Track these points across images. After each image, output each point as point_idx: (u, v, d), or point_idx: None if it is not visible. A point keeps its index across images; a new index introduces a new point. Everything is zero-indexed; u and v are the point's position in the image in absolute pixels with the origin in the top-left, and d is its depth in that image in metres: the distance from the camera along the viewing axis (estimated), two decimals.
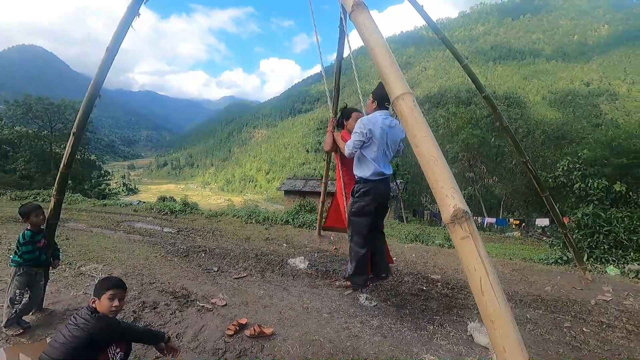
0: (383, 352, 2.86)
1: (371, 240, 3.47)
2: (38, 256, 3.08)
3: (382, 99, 3.23)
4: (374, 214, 3.35)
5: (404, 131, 2.90)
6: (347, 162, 3.69)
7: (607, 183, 11.67)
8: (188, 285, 4.20)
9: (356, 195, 3.31)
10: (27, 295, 3.13)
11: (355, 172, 3.34)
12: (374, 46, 1.47)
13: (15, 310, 2.98)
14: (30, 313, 3.14)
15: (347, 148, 3.21)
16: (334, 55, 5.91)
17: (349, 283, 3.76)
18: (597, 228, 7.07)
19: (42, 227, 3.20)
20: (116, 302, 2.01)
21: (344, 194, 3.77)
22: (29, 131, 32.91)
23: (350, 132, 3.52)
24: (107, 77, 3.14)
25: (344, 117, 3.87)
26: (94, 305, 1.99)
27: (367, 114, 3.39)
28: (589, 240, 7.06)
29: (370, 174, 3.18)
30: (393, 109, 1.39)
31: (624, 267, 6.02)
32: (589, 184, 12.20)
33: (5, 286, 3.37)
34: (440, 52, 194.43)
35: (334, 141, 3.69)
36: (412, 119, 1.29)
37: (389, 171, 3.27)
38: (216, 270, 4.96)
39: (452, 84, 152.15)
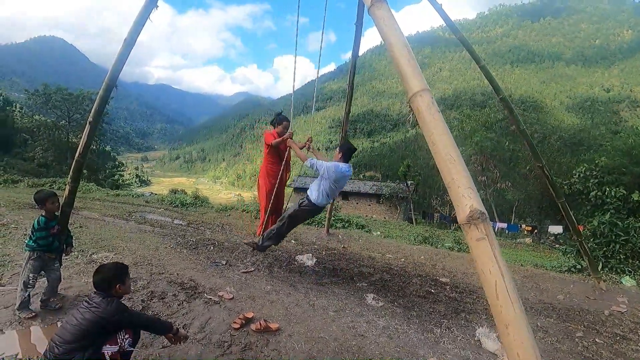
0: (388, 353, 2.83)
1: (288, 232, 4.55)
2: (51, 242, 3.14)
3: (348, 153, 4.21)
4: (302, 220, 4.60)
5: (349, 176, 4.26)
6: (273, 156, 4.69)
7: (625, 192, 11.33)
8: (196, 277, 4.23)
9: (303, 207, 4.24)
10: (45, 279, 3.20)
11: (309, 194, 4.22)
12: (393, 42, 1.44)
13: (28, 294, 3.04)
14: (48, 297, 3.19)
15: (309, 164, 4.08)
16: (349, 54, 5.87)
17: (254, 243, 4.48)
18: (614, 237, 6.87)
19: (56, 214, 3.26)
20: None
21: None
22: (48, 120, 33.69)
23: (278, 135, 4.63)
24: (124, 69, 3.18)
25: (276, 121, 4.77)
26: (120, 291, 2.10)
27: (334, 160, 4.24)
28: (604, 249, 6.87)
29: (319, 202, 4.14)
30: (409, 106, 1.37)
31: None
32: (606, 192, 11.86)
33: (20, 270, 3.46)
34: (457, 53, 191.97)
35: (284, 144, 4.50)
36: (429, 116, 1.26)
37: (326, 203, 4.39)
38: (224, 263, 4.99)
39: (467, 86, 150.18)
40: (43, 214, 3.14)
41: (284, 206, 5.10)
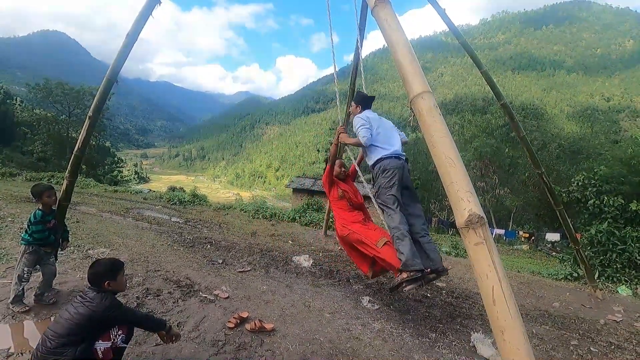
0: (383, 357, 2.82)
1: (412, 221, 3.26)
2: (47, 236, 3.13)
3: (364, 102, 3.61)
4: (398, 187, 3.24)
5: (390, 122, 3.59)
6: (342, 201, 3.89)
7: (623, 201, 11.36)
8: (192, 275, 4.21)
9: (376, 177, 3.35)
10: (40, 274, 3.18)
11: (369, 162, 3.44)
12: (396, 43, 1.43)
13: (23, 288, 3.02)
14: (42, 291, 3.17)
15: (362, 138, 3.30)
16: (351, 56, 5.87)
17: (405, 276, 2.98)
18: (611, 246, 6.88)
19: (53, 208, 3.24)
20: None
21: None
22: (48, 115, 33.62)
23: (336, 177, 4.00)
24: (126, 65, 3.17)
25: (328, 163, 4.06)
26: (109, 288, 2.06)
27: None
28: (601, 258, 6.88)
29: (381, 155, 3.30)
30: (410, 108, 1.36)
31: (637, 288, 5.85)
32: (604, 201, 11.88)
33: (15, 264, 3.43)
34: (458, 58, 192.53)
35: (336, 151, 3.98)
36: (430, 118, 1.26)
37: (394, 149, 3.34)
38: (221, 262, 4.98)
39: (468, 92, 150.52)
40: (40, 207, 3.12)
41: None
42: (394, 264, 3.12)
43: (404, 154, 3.46)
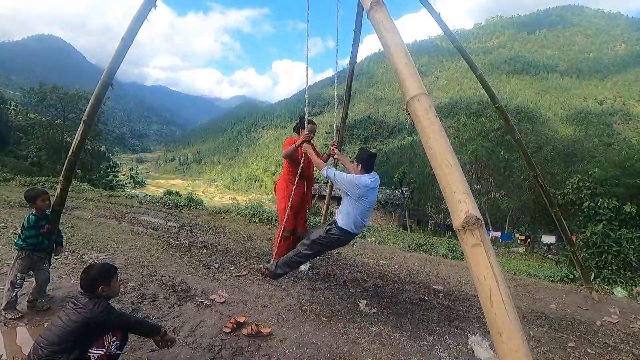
0: None
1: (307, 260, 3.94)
2: (41, 241, 3.09)
3: (367, 162, 3.44)
4: (327, 249, 3.80)
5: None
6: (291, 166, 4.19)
7: (617, 203, 11.44)
8: (188, 280, 4.18)
9: (330, 234, 3.45)
10: (33, 280, 3.14)
11: (338, 220, 3.46)
12: (391, 45, 1.44)
13: (16, 294, 2.98)
14: (35, 297, 3.12)
15: (325, 172, 3.49)
16: (346, 60, 5.90)
17: (266, 269, 3.77)
18: (606, 248, 6.91)
19: (47, 213, 3.20)
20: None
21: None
22: (43, 119, 33.37)
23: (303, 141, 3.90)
24: (122, 69, 3.16)
25: (300, 125, 4.22)
26: (104, 293, 2.03)
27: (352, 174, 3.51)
28: (597, 259, 6.91)
29: (350, 227, 3.39)
30: (406, 110, 1.36)
31: (633, 289, 5.87)
32: (599, 203, 11.97)
33: (8, 269, 3.39)
34: (454, 62, 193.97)
35: (296, 153, 4.04)
36: (426, 121, 1.26)
37: (358, 231, 3.55)
38: (217, 266, 4.94)
39: (463, 95, 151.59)
40: (33, 212, 3.09)
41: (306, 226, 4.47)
42: (275, 254, 3.87)
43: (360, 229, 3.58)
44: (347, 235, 3.44)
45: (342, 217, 3.39)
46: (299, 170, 3.88)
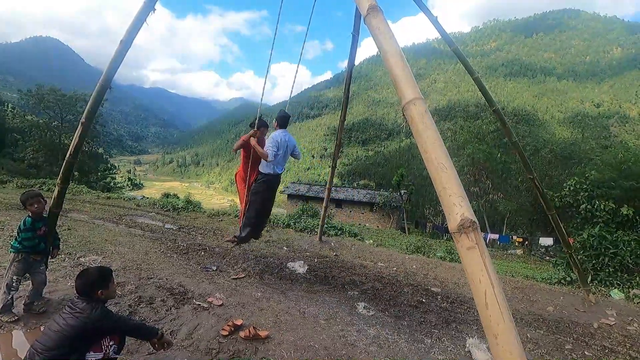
0: None
1: (260, 216, 4.76)
2: (37, 244, 3.08)
3: (282, 121, 4.72)
4: (266, 196, 4.69)
5: (294, 141, 4.84)
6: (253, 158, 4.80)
7: (614, 205, 11.49)
8: (186, 282, 4.17)
9: (258, 182, 4.64)
10: (29, 282, 3.12)
11: (260, 169, 4.64)
12: (387, 50, 1.45)
13: (11, 297, 2.97)
14: (31, 300, 3.10)
15: (270, 156, 4.36)
16: (345, 63, 5.93)
17: (235, 239, 4.76)
18: (603, 250, 6.94)
19: (43, 215, 3.20)
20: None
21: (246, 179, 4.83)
22: (40, 121, 33.28)
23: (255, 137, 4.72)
24: (120, 71, 3.16)
25: (253, 125, 4.86)
26: (102, 296, 2.02)
27: (274, 131, 4.69)
28: (593, 262, 6.94)
29: (270, 171, 4.59)
30: (403, 114, 1.37)
31: (629, 292, 5.89)
32: (596, 206, 12.02)
33: (4, 272, 3.37)
34: (451, 65, 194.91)
35: (248, 145, 4.63)
36: (422, 125, 1.27)
37: (281, 170, 4.76)
38: (215, 269, 4.94)
39: (461, 98, 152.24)
40: (29, 214, 3.08)
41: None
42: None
43: (283, 169, 4.85)
44: (270, 177, 4.59)
45: (262, 167, 4.60)
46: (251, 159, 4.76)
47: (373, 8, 1.57)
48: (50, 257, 3.40)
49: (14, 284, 2.97)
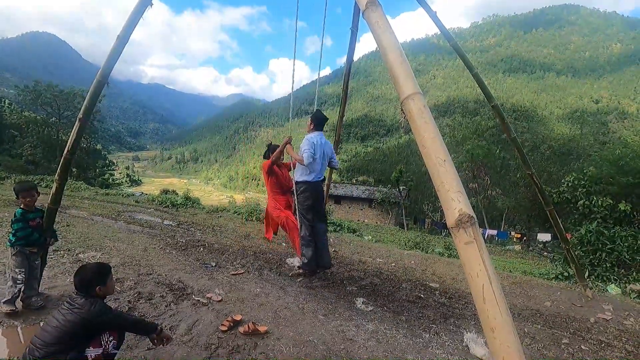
0: (377, 358, 2.83)
1: (316, 233, 4.34)
2: (30, 234, 3.05)
3: (318, 122, 4.35)
4: (313, 205, 4.30)
5: (331, 146, 4.50)
6: (276, 185, 4.74)
7: (611, 201, 11.56)
8: (185, 278, 4.18)
9: (298, 195, 4.28)
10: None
11: (296, 178, 4.34)
12: (386, 45, 1.44)
13: (19, 290, 2.97)
14: (28, 295, 3.10)
15: (306, 158, 4.06)
16: (344, 59, 5.90)
17: (301, 272, 4.49)
18: (600, 246, 6.99)
19: (37, 207, 3.19)
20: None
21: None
22: (37, 117, 33.19)
23: (273, 162, 4.61)
24: (118, 67, 3.14)
25: (270, 151, 4.78)
26: (100, 293, 2.03)
27: (308, 133, 4.35)
28: (591, 257, 6.98)
29: (307, 178, 4.23)
30: (401, 110, 1.37)
31: (626, 287, 5.94)
32: (594, 202, 12.09)
33: (4, 268, 3.38)
34: (450, 61, 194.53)
35: (280, 154, 4.56)
36: (420, 120, 1.27)
37: (319, 178, 4.34)
38: (214, 265, 4.94)
39: (460, 94, 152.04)
40: (21, 206, 3.09)
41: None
42: (297, 248, 4.50)
43: (322, 176, 4.41)
44: (306, 184, 4.21)
45: (297, 174, 4.29)
46: (287, 185, 4.67)
47: (372, 2, 1.56)
48: (48, 244, 3.35)
49: (19, 277, 2.98)
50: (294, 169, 4.59)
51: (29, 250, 3.08)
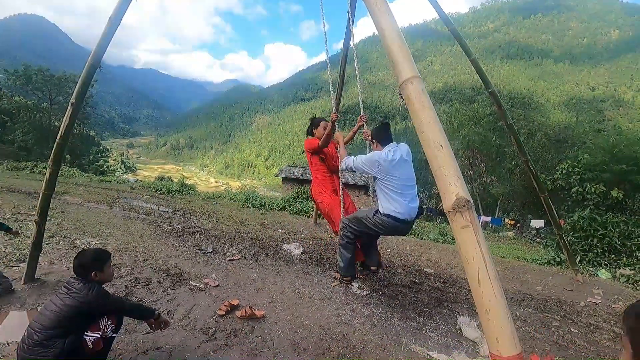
0: (372, 341, 2.88)
1: (368, 236, 3.65)
2: None
3: (380, 134, 3.37)
4: (378, 233, 3.49)
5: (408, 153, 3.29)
6: (322, 165, 4.15)
7: (604, 188, 11.70)
8: (182, 264, 4.20)
9: (376, 219, 3.25)
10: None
11: (378, 206, 3.28)
12: (385, 27, 1.42)
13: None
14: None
15: (344, 164, 3.43)
16: (341, 44, 5.80)
17: (339, 277, 3.86)
18: (592, 232, 7.10)
19: None
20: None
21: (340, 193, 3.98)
22: (28, 102, 32.54)
23: (319, 138, 3.97)
24: (110, 52, 3.07)
25: (313, 126, 4.24)
26: (97, 278, 2.03)
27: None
28: (582, 243, 7.10)
29: (390, 212, 3.13)
30: (399, 94, 1.36)
31: (616, 272, 6.06)
32: (587, 189, 12.23)
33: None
34: (448, 47, 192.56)
35: (330, 137, 3.89)
36: (418, 103, 1.26)
37: (413, 212, 3.21)
38: (210, 251, 4.97)
39: (457, 80, 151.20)
40: None
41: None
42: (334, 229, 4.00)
43: (416, 214, 3.25)
44: (393, 221, 3.14)
45: (381, 203, 3.19)
46: (327, 166, 4.11)
47: None
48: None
49: None
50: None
51: None
